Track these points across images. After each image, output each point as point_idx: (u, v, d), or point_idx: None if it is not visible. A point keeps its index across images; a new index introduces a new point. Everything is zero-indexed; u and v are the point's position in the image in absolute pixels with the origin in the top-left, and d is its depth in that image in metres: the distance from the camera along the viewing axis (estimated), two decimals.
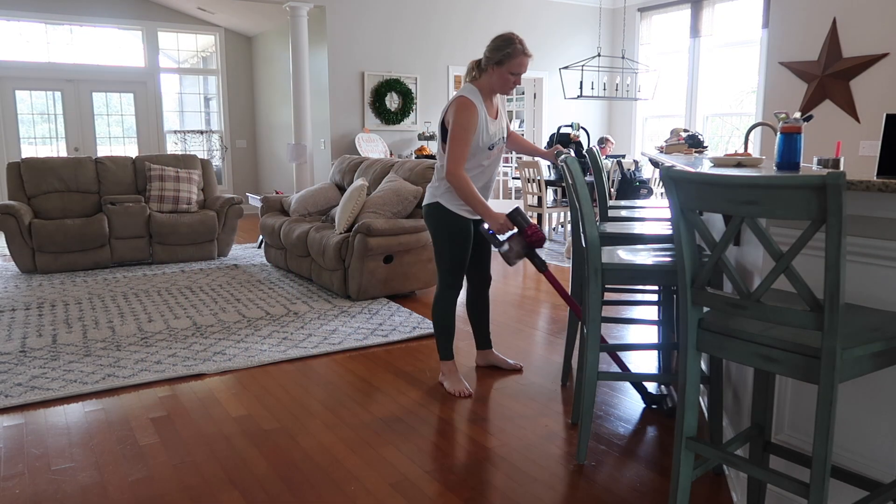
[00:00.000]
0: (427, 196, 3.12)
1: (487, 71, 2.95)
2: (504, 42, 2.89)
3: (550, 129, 9.51)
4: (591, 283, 2.42)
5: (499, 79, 2.94)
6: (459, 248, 3.08)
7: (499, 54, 2.89)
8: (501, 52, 2.89)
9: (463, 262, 3.12)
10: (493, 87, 2.97)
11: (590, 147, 4.83)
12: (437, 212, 3.05)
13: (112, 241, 6.21)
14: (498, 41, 2.91)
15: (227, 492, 2.30)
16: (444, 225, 3.05)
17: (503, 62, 2.89)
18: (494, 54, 2.90)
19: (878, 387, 1.78)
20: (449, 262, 3.09)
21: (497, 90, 3.00)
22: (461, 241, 3.08)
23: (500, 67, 2.91)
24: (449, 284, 3.12)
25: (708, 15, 8.70)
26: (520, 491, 2.30)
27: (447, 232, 3.06)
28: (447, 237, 3.06)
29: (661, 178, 1.85)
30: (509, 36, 2.91)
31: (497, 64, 2.90)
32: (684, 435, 1.73)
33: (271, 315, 4.47)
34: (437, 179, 3.08)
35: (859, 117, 5.45)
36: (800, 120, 2.26)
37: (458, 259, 3.10)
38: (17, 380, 3.31)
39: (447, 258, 3.09)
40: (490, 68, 2.93)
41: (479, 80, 2.99)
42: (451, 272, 3.11)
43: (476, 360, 3.56)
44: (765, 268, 2.05)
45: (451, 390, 3.16)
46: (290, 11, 7.91)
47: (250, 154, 10.75)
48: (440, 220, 3.05)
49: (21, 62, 8.81)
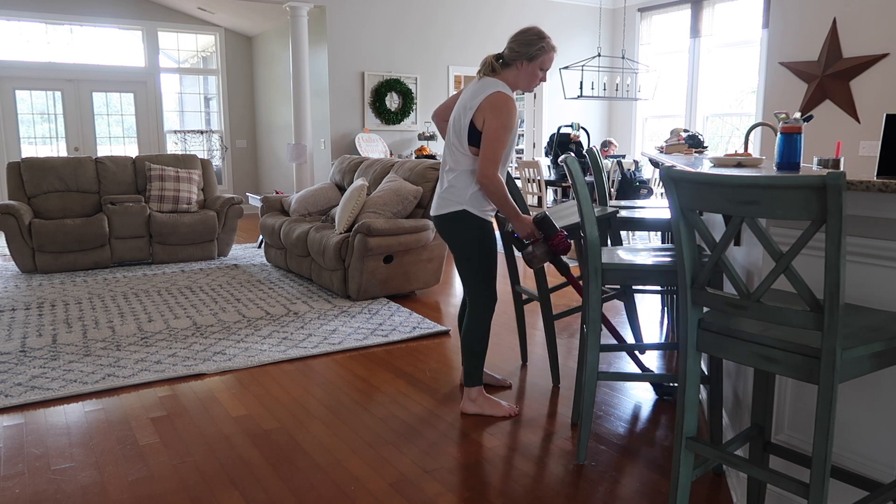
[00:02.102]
0: (445, 203, 2.81)
1: (514, 66, 2.74)
2: (536, 36, 2.72)
3: (550, 129, 9.50)
4: (591, 283, 2.42)
5: (527, 74, 2.75)
6: (492, 256, 2.85)
7: (532, 49, 2.70)
8: (535, 46, 2.70)
9: (495, 270, 2.87)
10: (518, 82, 2.77)
11: (590, 147, 4.83)
12: (466, 220, 2.78)
13: (112, 241, 6.22)
14: (530, 35, 2.73)
15: (227, 492, 2.30)
16: (474, 233, 2.79)
17: (536, 57, 2.71)
18: (526, 48, 2.71)
19: (878, 387, 1.78)
20: (485, 273, 2.83)
21: (522, 86, 2.80)
22: (493, 248, 2.84)
23: (531, 63, 2.72)
24: (488, 299, 2.86)
25: (708, 15, 8.70)
26: (520, 491, 2.30)
27: (478, 241, 2.79)
28: (478, 246, 2.80)
29: (661, 179, 1.85)
30: (539, 30, 2.75)
31: (529, 59, 2.71)
32: (684, 435, 1.73)
33: (271, 315, 4.47)
34: (461, 183, 2.78)
35: (859, 117, 5.46)
36: (800, 120, 2.26)
37: (493, 268, 2.86)
38: (17, 380, 3.31)
39: (481, 269, 2.82)
40: (519, 63, 2.73)
41: (503, 76, 2.76)
42: (487, 284, 2.84)
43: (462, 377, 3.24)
44: (765, 268, 2.05)
45: (498, 414, 2.90)
46: (290, 11, 7.91)
47: (250, 154, 10.75)
48: (470, 229, 2.78)
49: (21, 62, 8.81)
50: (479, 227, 2.79)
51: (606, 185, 3.81)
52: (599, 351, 2.46)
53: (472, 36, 9.10)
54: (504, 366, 3.55)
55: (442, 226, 2.85)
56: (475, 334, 2.88)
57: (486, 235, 2.81)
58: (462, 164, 2.78)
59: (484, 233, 2.80)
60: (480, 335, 2.89)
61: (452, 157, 2.81)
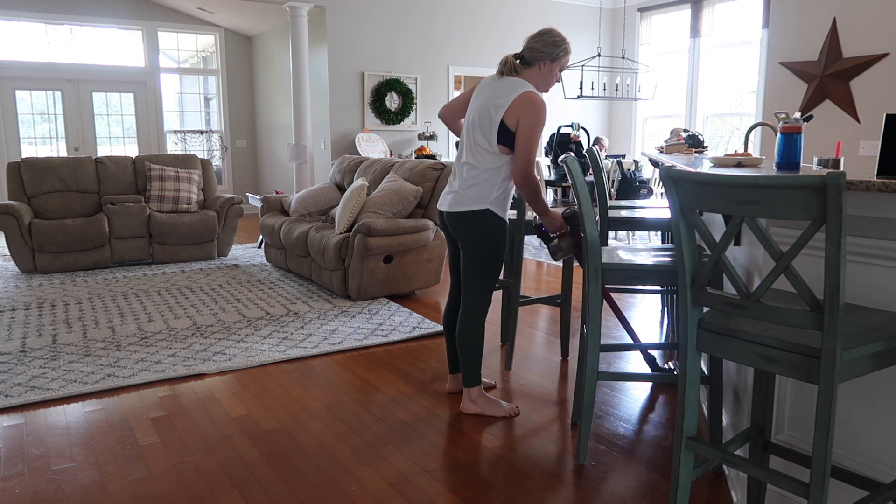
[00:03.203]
0: (465, 200, 2.79)
1: (535, 66, 2.78)
2: (560, 38, 2.78)
3: (550, 129, 9.50)
4: (591, 283, 2.42)
5: (548, 74, 2.80)
6: (501, 260, 2.87)
7: (557, 50, 2.76)
8: (559, 47, 2.76)
9: (499, 273, 2.91)
10: (538, 82, 2.80)
11: (590, 147, 4.83)
12: (489, 220, 2.78)
13: (112, 241, 6.22)
14: (554, 37, 2.77)
15: (227, 492, 2.30)
16: (493, 234, 2.80)
17: (558, 58, 2.77)
18: (551, 49, 2.75)
19: (878, 387, 1.78)
20: (489, 274, 2.85)
21: (540, 87, 2.82)
22: (504, 251, 2.86)
23: (553, 63, 2.77)
24: (484, 300, 2.88)
25: (708, 15, 8.70)
26: (520, 491, 2.30)
27: (495, 242, 2.81)
28: (494, 247, 2.81)
29: (661, 178, 1.85)
30: (559, 33, 2.80)
31: (552, 60, 2.76)
32: (684, 435, 1.73)
33: (271, 315, 4.47)
34: (486, 182, 2.77)
35: (859, 117, 5.46)
36: (800, 120, 2.26)
37: (499, 268, 2.88)
38: (17, 380, 3.31)
39: (488, 269, 2.84)
40: (541, 63, 2.76)
41: (526, 75, 2.79)
42: (488, 285, 2.86)
43: (448, 385, 3.19)
44: (765, 268, 2.05)
45: (499, 414, 2.92)
46: (290, 11, 7.91)
47: (250, 154, 10.75)
48: (491, 229, 2.79)
49: (21, 62, 8.81)
50: (498, 228, 2.80)
51: (606, 185, 3.81)
52: (599, 351, 2.46)
53: (472, 36, 9.10)
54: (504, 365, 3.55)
55: (458, 223, 2.82)
56: (474, 333, 2.88)
57: (503, 238, 2.83)
58: (486, 163, 2.76)
59: (501, 235, 2.82)
60: (479, 334, 2.89)
61: (474, 156, 2.79)
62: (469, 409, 2.93)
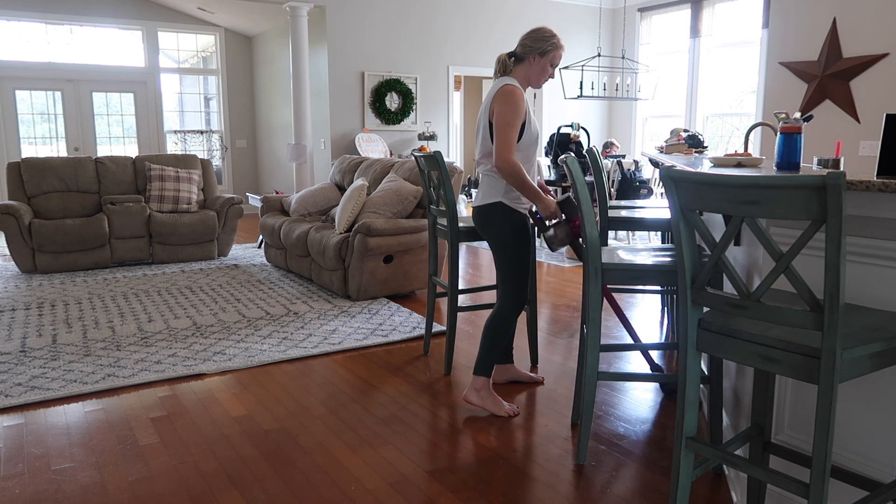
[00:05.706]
0: (483, 195, 2.91)
1: (526, 61, 2.87)
2: (548, 33, 2.86)
3: (550, 129, 9.50)
4: (591, 283, 2.42)
5: (538, 69, 2.87)
6: (526, 251, 2.89)
7: (544, 44, 2.84)
8: (547, 42, 2.85)
9: (529, 266, 2.92)
10: (529, 77, 2.89)
11: (590, 147, 4.83)
12: (502, 212, 2.86)
13: (112, 241, 6.22)
14: (542, 33, 2.86)
15: (227, 492, 2.30)
16: (509, 226, 2.86)
17: (547, 52, 2.85)
18: (539, 44, 2.85)
19: (878, 387, 1.78)
20: (518, 268, 2.87)
21: (532, 82, 2.91)
22: (527, 242, 2.89)
23: (542, 58, 2.85)
24: (518, 296, 2.89)
25: (708, 15, 8.70)
26: (520, 491, 2.30)
27: (513, 234, 2.86)
28: (514, 239, 2.86)
29: (661, 179, 1.85)
30: (549, 29, 2.88)
31: (541, 54, 2.85)
32: (684, 435, 1.73)
33: (271, 315, 4.47)
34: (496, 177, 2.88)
35: (859, 117, 5.46)
36: (800, 120, 2.26)
37: (526, 262, 2.90)
38: (17, 380, 3.31)
39: (514, 263, 2.87)
40: (531, 58, 2.86)
41: (515, 71, 2.89)
42: (519, 280, 2.88)
43: (494, 376, 3.28)
44: (765, 268, 2.05)
45: (499, 412, 2.92)
46: (290, 11, 7.91)
47: (250, 154, 10.75)
48: (506, 221, 2.86)
49: (21, 62, 8.81)
50: (512, 219, 2.88)
51: (606, 185, 3.81)
52: (599, 351, 2.46)
53: (472, 36, 9.10)
54: None
55: (478, 218, 2.95)
56: (499, 330, 2.93)
57: (519, 228, 2.89)
58: (491, 160, 2.89)
59: (516, 225, 2.89)
60: (504, 332, 2.94)
61: (483, 155, 2.94)
62: (471, 399, 2.96)
